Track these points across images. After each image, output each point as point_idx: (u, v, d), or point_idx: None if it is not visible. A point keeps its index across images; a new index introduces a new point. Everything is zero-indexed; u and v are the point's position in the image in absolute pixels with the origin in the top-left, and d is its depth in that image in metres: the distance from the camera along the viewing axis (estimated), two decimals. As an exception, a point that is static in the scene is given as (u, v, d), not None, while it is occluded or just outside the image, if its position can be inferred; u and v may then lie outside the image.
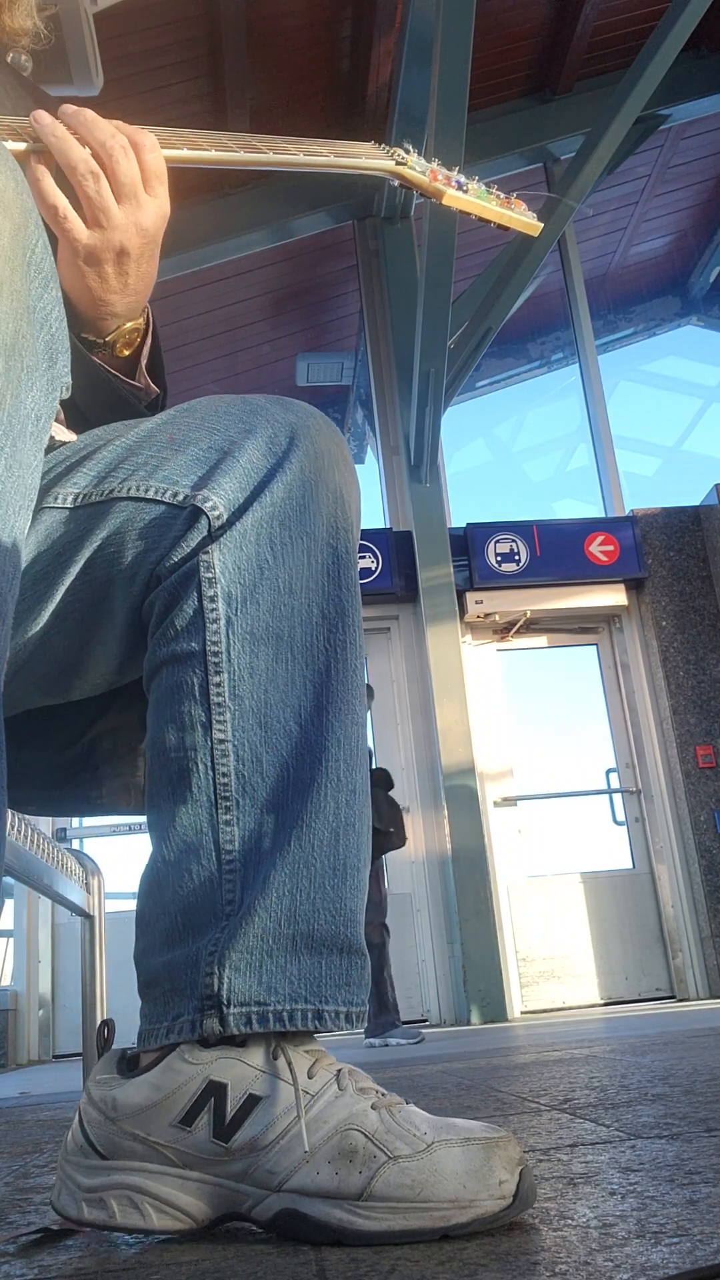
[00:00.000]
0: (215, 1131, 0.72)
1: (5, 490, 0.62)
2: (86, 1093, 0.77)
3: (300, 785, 0.79)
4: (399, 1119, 0.72)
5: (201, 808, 0.78)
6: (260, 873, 0.76)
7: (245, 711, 0.79)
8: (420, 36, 5.05)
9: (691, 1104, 1.24)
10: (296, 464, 0.83)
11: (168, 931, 0.78)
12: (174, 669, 0.80)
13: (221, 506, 0.80)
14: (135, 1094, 0.74)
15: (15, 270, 0.63)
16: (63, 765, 0.99)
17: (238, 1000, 0.74)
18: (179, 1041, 0.75)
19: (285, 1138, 0.71)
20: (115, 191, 0.86)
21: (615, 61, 6.45)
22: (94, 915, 2.35)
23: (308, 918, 0.76)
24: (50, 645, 0.84)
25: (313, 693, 0.81)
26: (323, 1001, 0.76)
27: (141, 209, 0.87)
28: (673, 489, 9.09)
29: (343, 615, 0.83)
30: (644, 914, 5.79)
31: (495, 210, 1.01)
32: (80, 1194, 0.74)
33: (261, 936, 0.75)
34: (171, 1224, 0.72)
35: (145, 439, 0.84)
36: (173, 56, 5.54)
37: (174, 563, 0.80)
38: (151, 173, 0.88)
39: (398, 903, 5.58)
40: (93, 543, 0.82)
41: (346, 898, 0.79)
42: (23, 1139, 1.66)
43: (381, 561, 5.90)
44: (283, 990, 0.75)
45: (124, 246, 0.88)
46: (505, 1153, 0.70)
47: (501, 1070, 2.10)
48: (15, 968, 5.33)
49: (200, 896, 0.77)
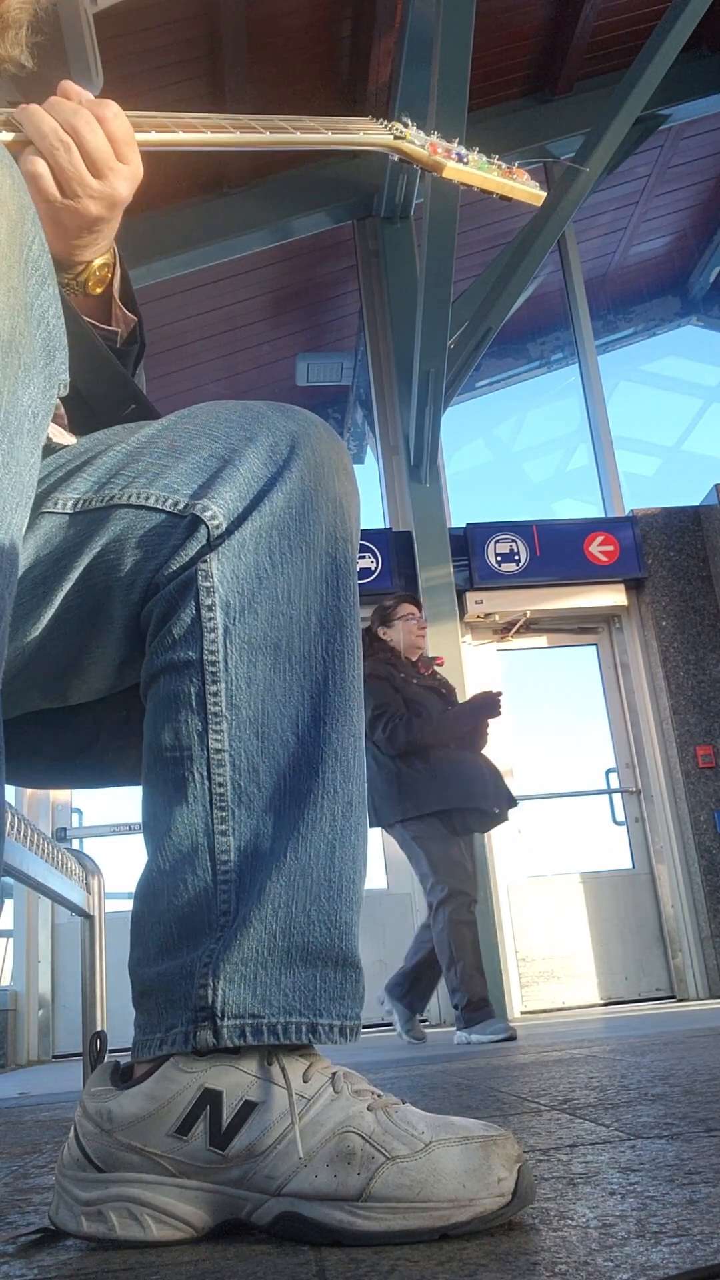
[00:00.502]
0: (212, 1139, 0.72)
1: (2, 488, 0.62)
2: (81, 1106, 0.77)
3: (297, 795, 0.78)
4: (396, 1119, 0.72)
5: (197, 817, 0.78)
6: (256, 884, 0.76)
7: (242, 721, 0.78)
8: (420, 36, 5.05)
9: (691, 1104, 1.24)
10: (297, 473, 0.83)
11: (162, 941, 0.77)
12: (171, 677, 0.80)
13: (221, 516, 0.80)
14: (130, 1105, 0.74)
15: (12, 267, 0.63)
16: (73, 740, 0.99)
17: (231, 1012, 0.73)
18: (173, 1053, 0.75)
19: (282, 1142, 0.71)
20: (90, 166, 0.89)
21: (615, 61, 6.45)
22: (94, 915, 2.35)
23: (303, 930, 0.76)
24: (48, 650, 0.84)
25: (310, 703, 0.80)
26: (316, 1015, 0.75)
27: (117, 177, 0.91)
28: (673, 489, 9.09)
29: (341, 625, 0.83)
30: (644, 914, 5.79)
31: (497, 181, 1.00)
32: (79, 1208, 0.74)
33: (256, 948, 0.75)
34: (171, 1234, 0.72)
35: (146, 445, 0.84)
36: (173, 56, 5.54)
37: (172, 571, 0.80)
38: (119, 140, 0.91)
39: (398, 903, 5.58)
40: (92, 549, 0.82)
41: (342, 910, 0.78)
42: (22, 1139, 1.66)
43: (381, 562, 5.90)
44: (277, 1003, 0.74)
45: (98, 215, 0.91)
46: (503, 1151, 0.70)
47: (501, 1070, 2.10)
48: (15, 968, 5.32)
49: (195, 907, 0.76)
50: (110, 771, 1.01)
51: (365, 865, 0.82)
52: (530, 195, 1.01)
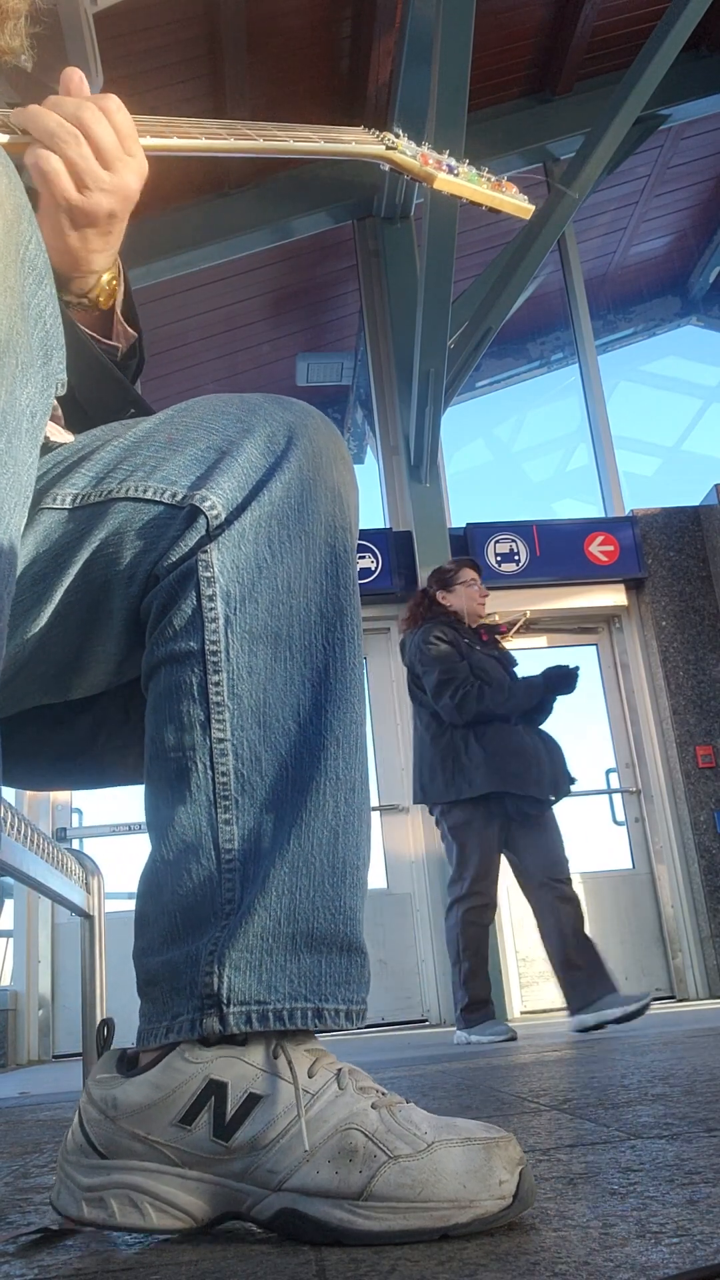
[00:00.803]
0: (215, 1130, 0.72)
1: (1, 488, 0.62)
2: (86, 1092, 0.77)
3: (299, 783, 0.79)
4: (399, 1118, 0.72)
5: (200, 807, 0.78)
6: (260, 871, 0.76)
7: (244, 710, 0.79)
8: (420, 36, 5.05)
9: (691, 1104, 1.24)
10: (295, 463, 0.83)
11: (167, 931, 0.77)
12: (172, 668, 0.80)
13: (220, 506, 0.80)
14: (135, 1093, 0.74)
15: (9, 266, 0.63)
16: (72, 740, 0.99)
17: (237, 999, 0.74)
18: (179, 1041, 0.75)
19: (285, 1137, 0.71)
20: (100, 158, 0.89)
21: (615, 61, 6.45)
22: (94, 915, 2.35)
23: (307, 916, 0.76)
24: (49, 645, 0.84)
25: (311, 691, 0.80)
26: (322, 1000, 0.76)
27: (126, 169, 0.90)
28: (673, 489, 9.10)
29: (341, 614, 0.83)
30: (644, 914, 5.79)
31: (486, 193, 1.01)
32: (80, 1193, 0.74)
33: (261, 935, 0.75)
34: (171, 1223, 0.72)
35: (143, 439, 0.84)
36: (173, 56, 5.53)
37: (172, 562, 0.80)
38: (124, 133, 0.91)
39: (397, 903, 5.58)
40: (91, 543, 0.82)
41: (346, 895, 0.78)
42: (23, 1139, 1.66)
43: (381, 561, 5.90)
44: (283, 989, 0.74)
45: (112, 209, 0.91)
46: (505, 1153, 0.70)
47: (501, 1070, 2.10)
48: (15, 968, 5.32)
49: (200, 896, 0.76)
50: (111, 771, 1.02)
51: (369, 850, 0.82)
52: (518, 209, 1.02)
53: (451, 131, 4.24)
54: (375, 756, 5.79)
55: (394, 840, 5.71)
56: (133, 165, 0.91)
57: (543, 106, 6.76)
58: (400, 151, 1.00)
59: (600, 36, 6.40)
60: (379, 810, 5.71)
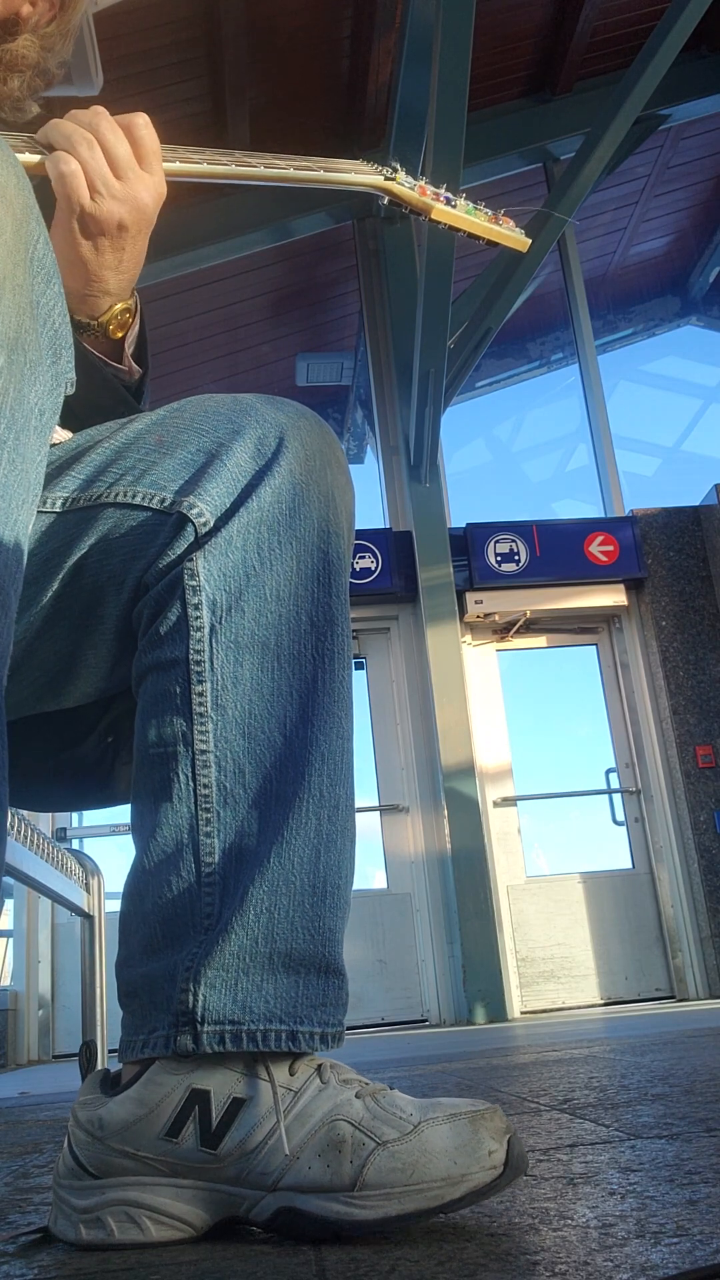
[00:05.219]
0: (202, 1140, 0.72)
1: (9, 485, 0.62)
2: (73, 1115, 0.77)
3: (282, 799, 0.77)
4: (384, 1104, 0.72)
5: (182, 818, 0.77)
6: (239, 887, 0.75)
7: (228, 722, 0.78)
8: (420, 37, 5.04)
9: (691, 1104, 1.24)
10: (285, 466, 0.81)
11: (147, 941, 0.77)
12: (158, 677, 0.80)
13: (207, 513, 0.79)
14: (120, 1111, 0.74)
15: (18, 265, 0.63)
16: (75, 761, 0.98)
17: (212, 1019, 0.73)
18: (155, 1056, 0.74)
19: (273, 1138, 0.71)
20: (111, 165, 0.88)
21: (615, 61, 6.45)
22: (94, 915, 2.35)
23: (285, 936, 0.75)
24: (41, 650, 0.83)
25: (299, 703, 0.79)
26: (297, 1022, 0.75)
27: (140, 182, 0.90)
28: (672, 489, 9.06)
29: (332, 623, 0.82)
30: (644, 914, 5.79)
31: (483, 225, 1.02)
32: (76, 1216, 0.74)
33: (238, 954, 0.74)
34: (170, 1234, 0.72)
35: (134, 441, 0.84)
36: (173, 56, 5.53)
37: (160, 570, 0.79)
38: (146, 148, 0.91)
39: (397, 903, 5.58)
40: (80, 548, 0.81)
41: (326, 916, 0.77)
42: (23, 1139, 1.66)
43: (381, 561, 5.90)
44: (258, 1009, 0.74)
45: (123, 220, 0.90)
46: (491, 1123, 0.70)
47: (501, 1070, 2.10)
48: (15, 968, 5.32)
49: (179, 908, 0.76)
50: (112, 791, 1.01)
51: (353, 870, 0.81)
52: (515, 241, 1.03)
53: (451, 131, 4.24)
54: (375, 756, 5.79)
55: (394, 840, 5.71)
56: (147, 181, 0.90)
57: (543, 106, 6.76)
58: (399, 183, 1.02)
59: (600, 36, 6.40)
60: (379, 810, 5.71)
